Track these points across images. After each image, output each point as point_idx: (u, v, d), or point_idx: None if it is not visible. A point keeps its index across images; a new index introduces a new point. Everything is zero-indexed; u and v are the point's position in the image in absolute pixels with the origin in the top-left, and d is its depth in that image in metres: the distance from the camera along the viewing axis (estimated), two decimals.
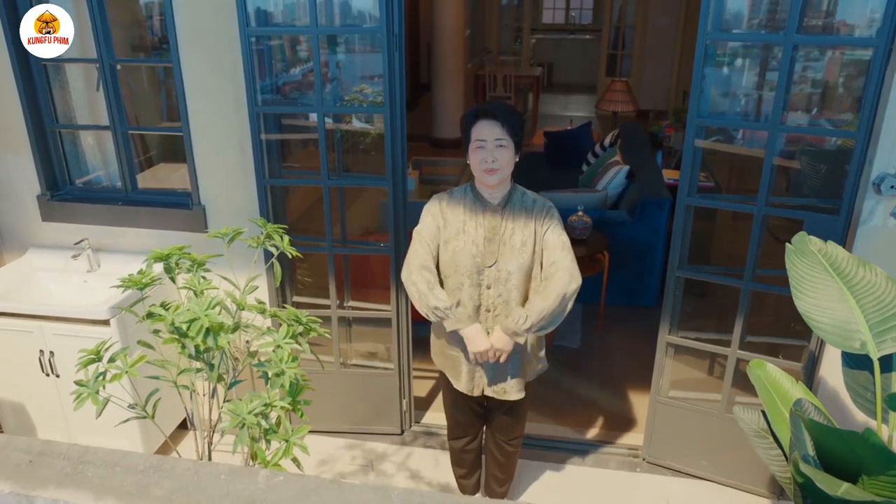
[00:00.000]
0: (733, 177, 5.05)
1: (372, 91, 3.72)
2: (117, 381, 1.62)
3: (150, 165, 4.07)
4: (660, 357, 2.96)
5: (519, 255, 2.23)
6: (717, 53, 2.76)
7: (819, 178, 3.41)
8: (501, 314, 2.27)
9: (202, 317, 1.52)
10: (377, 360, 3.35)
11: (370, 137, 4.20)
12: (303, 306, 3.23)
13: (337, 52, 4.03)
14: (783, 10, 2.44)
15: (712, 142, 2.98)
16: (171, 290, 2.49)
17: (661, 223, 4.34)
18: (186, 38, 2.77)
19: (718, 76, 2.97)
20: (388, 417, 3.33)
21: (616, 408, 3.61)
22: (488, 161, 2.15)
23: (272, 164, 2.99)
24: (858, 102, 2.42)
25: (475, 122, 2.18)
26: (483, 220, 2.26)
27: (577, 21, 13.30)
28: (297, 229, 3.41)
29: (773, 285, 2.76)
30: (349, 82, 4.15)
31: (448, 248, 2.28)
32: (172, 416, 3.22)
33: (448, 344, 2.40)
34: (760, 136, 4.11)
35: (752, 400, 2.93)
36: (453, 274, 2.28)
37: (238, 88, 2.79)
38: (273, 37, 3.23)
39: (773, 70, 3.11)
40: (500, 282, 2.24)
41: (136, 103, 4.12)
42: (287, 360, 1.67)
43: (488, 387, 2.40)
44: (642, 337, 4.24)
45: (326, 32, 2.69)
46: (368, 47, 4.94)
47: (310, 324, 1.79)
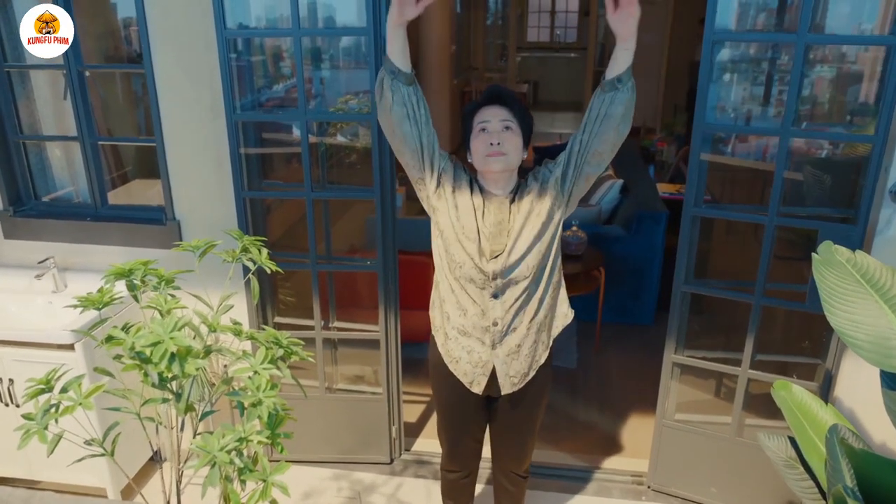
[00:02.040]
0: (726, 190, 4.95)
1: (358, 101, 3.58)
2: (70, 414, 1.42)
3: (124, 181, 3.89)
4: (665, 378, 2.79)
5: (534, 248, 1.92)
6: (722, 60, 2.63)
7: (825, 188, 3.29)
8: (512, 307, 1.95)
9: (166, 340, 1.32)
10: (364, 385, 3.16)
11: (355, 153, 4.04)
12: (285, 327, 3.04)
13: (321, 67, 3.91)
14: (791, 11, 2.34)
15: (711, 155, 2.84)
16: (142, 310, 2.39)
17: (658, 238, 4.20)
18: (158, 40, 2.60)
19: (721, 84, 2.85)
20: (376, 445, 3.13)
21: (618, 431, 3.43)
22: (493, 143, 1.86)
23: (252, 177, 2.81)
24: (873, 107, 2.31)
25: (475, 111, 1.93)
26: (489, 216, 1.94)
27: (562, 39, 13.30)
28: (280, 247, 3.23)
29: (784, 300, 2.62)
30: (333, 98, 4.01)
31: (451, 203, 1.93)
32: (143, 450, 2.98)
33: (450, 354, 2.11)
34: (753, 147, 4.03)
35: (765, 422, 2.78)
36: (455, 250, 1.94)
37: (215, 95, 2.62)
38: (255, 52, 3.09)
39: (782, 73, 3.00)
40: (512, 283, 1.93)
41: (110, 117, 3.94)
42: (265, 387, 1.48)
43: (499, 380, 2.05)
44: (641, 356, 4.08)
45: (310, 34, 2.53)
46: (353, 63, 4.81)
47: (291, 346, 1.60)
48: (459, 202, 1.95)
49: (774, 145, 5.50)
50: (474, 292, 1.97)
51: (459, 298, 2.00)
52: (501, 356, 2.03)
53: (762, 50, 3.24)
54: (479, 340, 2.03)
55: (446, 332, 2.09)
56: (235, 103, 2.62)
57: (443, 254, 2.00)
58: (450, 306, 2.04)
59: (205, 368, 1.97)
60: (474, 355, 2.05)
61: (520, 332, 2.01)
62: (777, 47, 3.13)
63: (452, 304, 2.03)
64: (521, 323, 2.00)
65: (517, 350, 2.03)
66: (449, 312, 2.05)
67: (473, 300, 1.98)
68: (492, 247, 1.92)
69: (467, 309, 2.00)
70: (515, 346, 2.02)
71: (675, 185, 5.32)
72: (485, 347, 2.03)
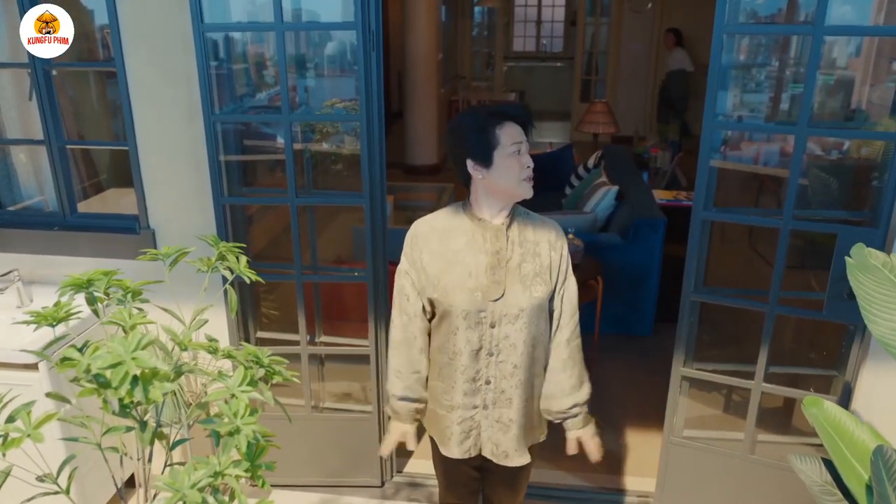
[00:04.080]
0: (719, 196, 4.86)
1: (344, 105, 3.43)
2: (16, 447, 1.23)
3: (99, 191, 3.70)
4: (673, 392, 2.63)
5: (532, 288, 1.82)
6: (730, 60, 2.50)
7: (831, 191, 3.17)
8: (506, 361, 1.84)
9: (127, 361, 1.14)
10: (353, 403, 2.98)
11: (343, 161, 3.88)
12: (268, 343, 2.86)
13: (306, 76, 3.78)
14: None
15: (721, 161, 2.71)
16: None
17: (656, 246, 4.06)
18: (131, 35, 2.42)
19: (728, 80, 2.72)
20: (366, 468, 2.94)
21: (621, 448, 3.26)
22: (530, 167, 1.77)
23: (233, 183, 2.64)
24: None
25: (502, 124, 1.75)
26: (485, 245, 1.82)
27: (549, 49, 13.25)
28: (264, 258, 3.06)
29: (799, 308, 2.48)
30: (318, 106, 3.87)
31: (438, 287, 1.85)
32: (107, 484, 2.70)
33: (436, 401, 1.98)
34: (744, 153, 3.92)
35: (778, 438, 2.65)
36: (446, 317, 1.85)
37: (192, 95, 2.44)
38: (237, 60, 2.95)
39: (790, 70, 2.89)
40: (510, 319, 1.81)
41: (83, 122, 3.77)
42: (244, 413, 1.30)
43: (485, 447, 1.96)
44: (640, 369, 3.93)
45: (293, 29, 2.37)
46: (338, 71, 4.66)
47: (273, 365, 1.42)
48: (447, 282, 1.88)
49: (766, 151, 5.39)
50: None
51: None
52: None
53: (765, 50, 3.13)
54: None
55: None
56: (214, 103, 2.45)
57: None
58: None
59: (181, 388, 1.78)
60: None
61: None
62: (778, 47, 3.03)
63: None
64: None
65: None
66: None
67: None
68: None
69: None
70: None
71: (671, 192, 5.20)
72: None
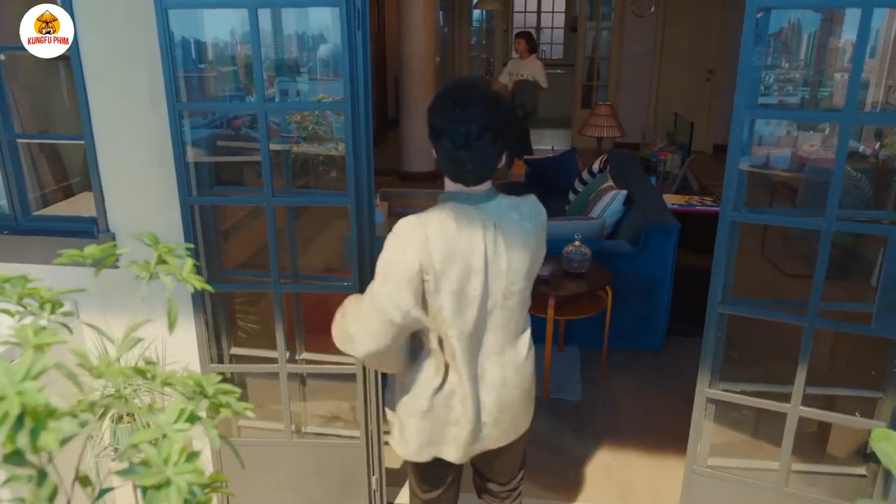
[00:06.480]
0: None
1: (331, 99, 3.19)
2: None
3: (70, 195, 3.44)
4: (697, 416, 2.34)
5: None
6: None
7: (862, 191, 2.92)
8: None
9: (11, 396, 0.85)
10: (340, 426, 2.69)
11: (335, 166, 3.63)
12: (245, 360, 2.58)
13: (288, 80, 3.57)
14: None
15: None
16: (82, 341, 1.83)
17: (669, 253, 3.78)
18: (86, 11, 2.16)
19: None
20: (354, 498, 2.65)
21: (635, 476, 2.97)
22: None
23: (203, 183, 2.36)
24: None
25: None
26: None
27: (548, 56, 13.06)
28: (250, 269, 2.80)
29: (841, 321, 2.21)
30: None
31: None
32: None
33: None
34: (755, 156, 3.67)
35: (816, 468, 2.36)
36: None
37: (155, 81, 2.17)
38: (215, 63, 2.70)
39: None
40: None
41: (51, 119, 3.53)
42: (179, 459, 0.99)
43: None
44: (652, 387, 3.66)
45: (268, 6, 2.11)
46: (331, 75, 4.43)
47: (219, 395, 1.12)
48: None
49: (775, 155, 5.11)
50: None
51: None
52: None
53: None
54: None
55: None
56: (180, 91, 2.17)
57: None
58: None
59: (116, 420, 1.50)
60: None
61: None
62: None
63: None
64: None
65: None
66: None
67: None
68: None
69: None
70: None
71: (683, 196, 4.92)
72: None
